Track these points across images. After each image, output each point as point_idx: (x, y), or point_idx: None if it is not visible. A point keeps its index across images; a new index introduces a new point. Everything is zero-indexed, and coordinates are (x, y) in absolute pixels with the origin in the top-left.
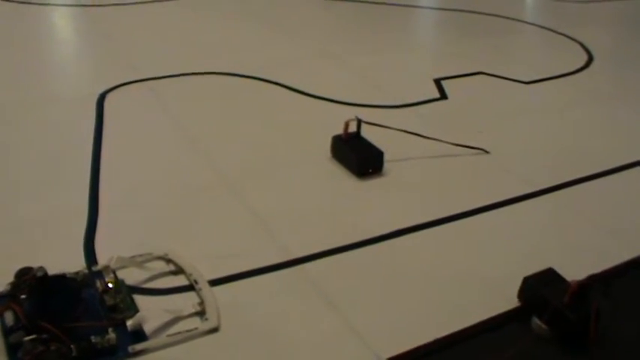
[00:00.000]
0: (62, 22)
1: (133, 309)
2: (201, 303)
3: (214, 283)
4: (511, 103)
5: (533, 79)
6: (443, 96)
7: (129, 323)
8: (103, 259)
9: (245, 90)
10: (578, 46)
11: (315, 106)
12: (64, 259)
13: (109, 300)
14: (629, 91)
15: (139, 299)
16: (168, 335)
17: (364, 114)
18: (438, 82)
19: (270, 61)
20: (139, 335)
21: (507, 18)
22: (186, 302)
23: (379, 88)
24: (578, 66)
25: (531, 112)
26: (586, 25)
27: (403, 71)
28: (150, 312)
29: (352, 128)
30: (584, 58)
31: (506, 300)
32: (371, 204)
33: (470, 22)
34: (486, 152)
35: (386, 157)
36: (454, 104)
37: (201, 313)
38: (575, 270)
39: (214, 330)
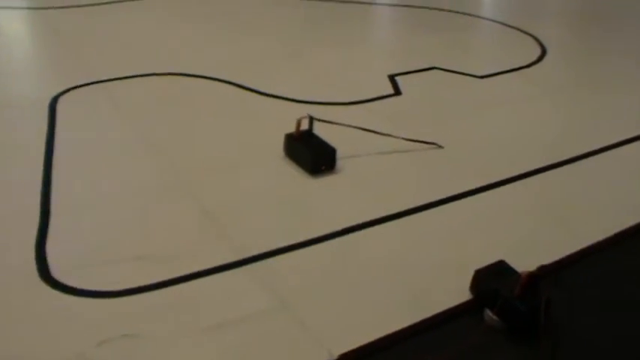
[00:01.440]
0: (12, 24)
1: None
2: None
3: (158, 285)
4: (465, 97)
5: (487, 73)
6: (397, 92)
7: None
8: (54, 261)
9: (200, 90)
10: (532, 40)
11: (269, 104)
12: (15, 261)
13: None
14: (581, 83)
15: None
16: None
17: (318, 111)
18: (392, 77)
19: (228, 60)
20: None
21: (462, 13)
22: None
23: (334, 86)
24: (532, 59)
25: (485, 106)
26: (539, 19)
27: (359, 68)
28: None
29: (306, 126)
30: (538, 51)
31: (459, 293)
32: (324, 201)
33: (425, 18)
34: (440, 147)
35: (339, 154)
36: (408, 100)
37: None
38: (526, 261)
39: None
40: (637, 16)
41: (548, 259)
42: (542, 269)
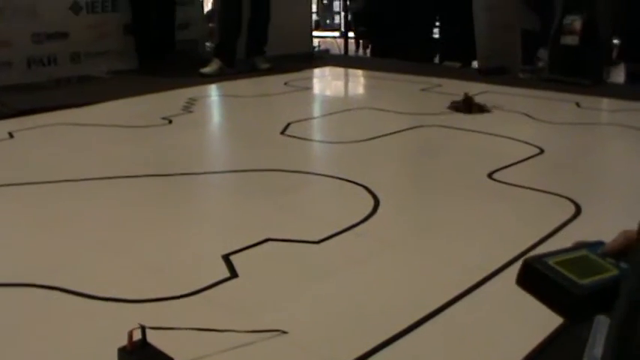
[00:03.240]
0: None
1: None
2: None
3: None
4: (303, 268)
5: (323, 236)
6: (233, 274)
7: None
8: None
9: (16, 302)
10: (364, 191)
11: (101, 309)
12: None
13: None
14: (417, 233)
15: None
16: None
17: (153, 311)
18: (226, 258)
19: (49, 260)
20: None
21: (292, 172)
22: None
23: (168, 276)
24: (366, 213)
25: (325, 276)
26: (368, 166)
27: (191, 251)
28: None
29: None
30: (371, 203)
31: None
32: None
33: (255, 181)
34: (284, 332)
35: None
36: (246, 282)
37: None
38: None
39: None
40: (461, 149)
41: None
42: None
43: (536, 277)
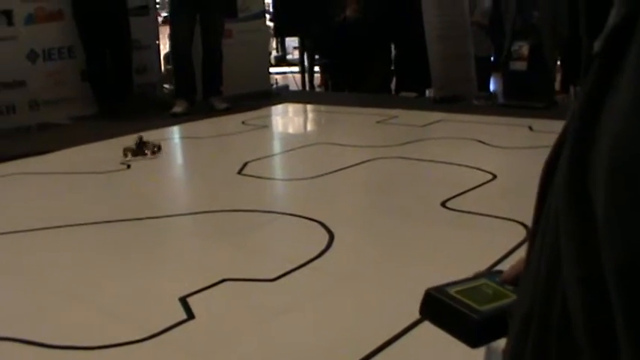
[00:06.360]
0: None
1: None
2: None
3: None
4: (258, 306)
5: (279, 273)
6: (190, 316)
7: None
8: None
9: None
10: (319, 227)
11: (58, 358)
12: None
13: None
14: (371, 266)
15: None
16: None
17: (109, 357)
18: (183, 300)
19: (6, 311)
20: None
21: (248, 211)
22: None
23: (125, 321)
24: (321, 248)
25: (281, 313)
26: (323, 202)
27: (149, 295)
28: None
29: None
30: (326, 237)
31: None
32: None
33: (212, 222)
34: None
35: None
36: (202, 323)
37: None
38: None
39: None
40: (415, 179)
41: None
42: None
43: (437, 306)
